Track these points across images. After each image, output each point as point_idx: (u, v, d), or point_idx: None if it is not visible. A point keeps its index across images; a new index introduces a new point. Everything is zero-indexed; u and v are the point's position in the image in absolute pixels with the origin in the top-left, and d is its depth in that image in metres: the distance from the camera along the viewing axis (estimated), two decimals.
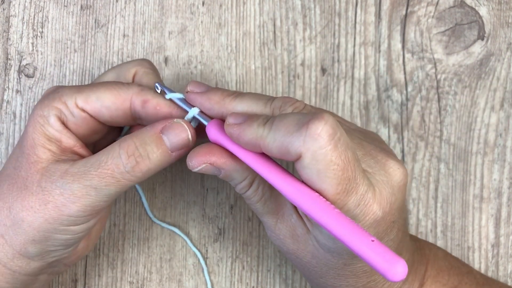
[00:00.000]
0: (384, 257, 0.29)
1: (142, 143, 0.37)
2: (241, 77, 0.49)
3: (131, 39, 0.48)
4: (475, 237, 0.49)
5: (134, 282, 0.48)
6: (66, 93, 0.39)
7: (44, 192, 0.37)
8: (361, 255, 0.30)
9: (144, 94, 0.39)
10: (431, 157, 0.49)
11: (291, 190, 0.33)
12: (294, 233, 0.37)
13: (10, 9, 0.48)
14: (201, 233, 0.48)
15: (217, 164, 0.36)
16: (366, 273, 0.37)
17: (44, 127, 0.38)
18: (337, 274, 0.37)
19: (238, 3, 0.49)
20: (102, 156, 0.37)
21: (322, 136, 0.32)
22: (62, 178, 0.37)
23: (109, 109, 0.39)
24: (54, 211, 0.37)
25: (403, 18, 0.49)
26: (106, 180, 0.37)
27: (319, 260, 0.37)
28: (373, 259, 0.30)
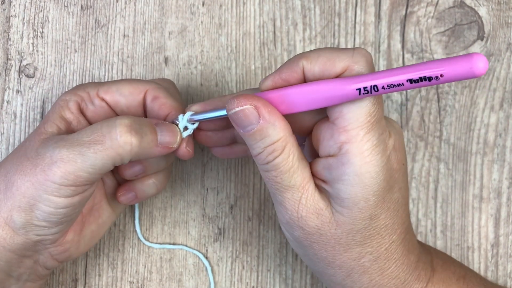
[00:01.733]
0: (457, 58, 0.31)
1: (139, 121, 0.38)
2: (241, 77, 0.49)
3: (131, 39, 0.48)
4: (475, 237, 0.49)
5: (134, 282, 0.48)
6: (91, 85, 0.42)
7: (38, 156, 0.38)
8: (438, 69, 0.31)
9: (158, 91, 0.41)
10: (430, 157, 0.49)
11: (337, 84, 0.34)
12: (317, 207, 0.37)
13: (10, 9, 0.48)
14: (201, 233, 0.48)
15: (261, 110, 0.35)
16: (388, 230, 0.37)
17: (62, 108, 0.41)
18: (363, 237, 0.37)
19: (238, 3, 0.49)
20: (97, 124, 0.38)
21: (367, 56, 0.35)
22: (56, 143, 0.38)
23: (126, 98, 0.41)
24: (41, 174, 0.37)
25: (403, 18, 0.49)
26: (95, 147, 0.37)
27: (345, 225, 0.36)
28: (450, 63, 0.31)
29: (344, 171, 0.35)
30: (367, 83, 0.33)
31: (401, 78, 0.32)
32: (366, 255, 0.38)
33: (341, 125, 0.35)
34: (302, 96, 0.35)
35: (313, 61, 0.35)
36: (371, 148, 0.35)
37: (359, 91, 0.33)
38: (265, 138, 0.36)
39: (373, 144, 0.35)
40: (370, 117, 0.35)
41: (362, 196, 0.36)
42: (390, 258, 0.38)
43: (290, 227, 0.38)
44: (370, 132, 0.35)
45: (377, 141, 0.35)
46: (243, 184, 0.49)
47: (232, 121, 0.36)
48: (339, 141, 0.35)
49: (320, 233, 0.37)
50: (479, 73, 0.30)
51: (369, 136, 0.35)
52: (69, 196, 0.38)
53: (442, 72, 0.31)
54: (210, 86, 0.49)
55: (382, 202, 0.36)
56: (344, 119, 0.35)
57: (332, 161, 0.36)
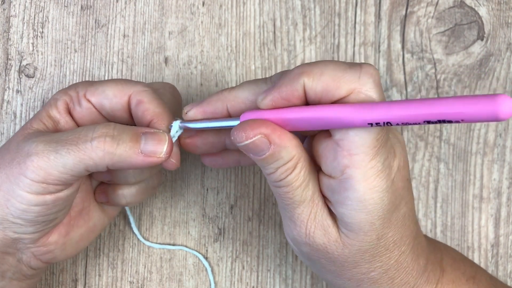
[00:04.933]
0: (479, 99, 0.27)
1: (120, 129, 0.37)
2: (241, 77, 0.49)
3: (131, 39, 0.48)
4: (475, 237, 0.49)
5: (134, 282, 0.48)
6: (82, 85, 0.41)
7: (17, 149, 0.38)
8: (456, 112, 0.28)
9: (143, 95, 0.39)
10: (430, 157, 0.49)
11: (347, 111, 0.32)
12: (325, 224, 0.36)
13: (10, 9, 0.48)
14: (201, 233, 0.48)
15: (271, 137, 0.34)
16: (396, 244, 0.37)
17: (51, 107, 0.41)
18: (372, 255, 0.36)
19: (238, 3, 0.49)
20: (82, 127, 0.38)
21: (375, 76, 0.33)
22: (37, 137, 0.38)
23: (110, 101, 0.40)
24: (16, 167, 0.37)
25: (403, 18, 0.49)
26: (69, 147, 0.37)
27: (352, 246, 0.36)
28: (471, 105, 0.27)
29: (347, 196, 0.34)
30: (380, 118, 0.31)
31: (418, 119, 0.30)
32: (376, 269, 0.37)
33: (346, 148, 0.33)
34: (306, 121, 0.34)
35: (316, 80, 0.33)
36: (375, 174, 0.34)
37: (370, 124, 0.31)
38: (277, 161, 0.35)
39: (378, 170, 0.34)
40: (376, 142, 0.33)
41: (367, 221, 0.35)
42: (399, 268, 0.38)
43: (297, 243, 0.37)
44: (375, 158, 0.33)
45: (382, 166, 0.34)
46: (243, 184, 0.49)
47: (242, 150, 0.35)
48: (342, 165, 0.34)
49: (327, 251, 0.36)
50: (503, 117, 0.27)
51: (374, 162, 0.33)
52: (40, 194, 0.37)
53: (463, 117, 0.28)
54: (210, 86, 0.49)
55: (388, 222, 0.35)
56: (349, 142, 0.33)
57: (334, 183, 0.35)
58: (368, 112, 0.31)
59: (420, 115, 0.29)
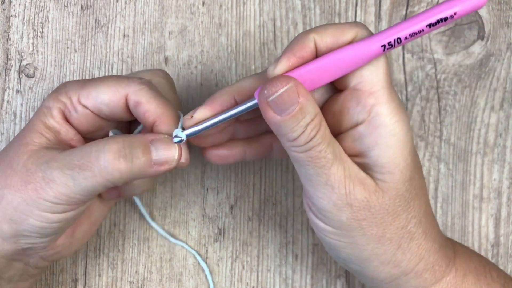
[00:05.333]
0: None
1: (130, 144, 0.37)
2: (241, 77, 0.49)
3: (131, 39, 0.48)
4: (475, 237, 0.49)
5: (134, 282, 0.48)
6: (72, 88, 0.39)
7: (28, 173, 0.37)
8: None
9: (140, 95, 0.38)
10: (431, 157, 0.49)
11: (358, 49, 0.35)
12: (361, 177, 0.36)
13: (10, 9, 0.48)
14: (201, 233, 0.48)
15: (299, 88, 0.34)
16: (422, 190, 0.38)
17: (46, 117, 0.39)
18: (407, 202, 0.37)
19: (238, 3, 0.49)
20: (88, 147, 0.37)
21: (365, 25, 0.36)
22: (47, 162, 0.37)
23: (107, 106, 0.39)
24: (33, 193, 0.37)
25: (403, 18, 0.49)
26: (84, 173, 0.36)
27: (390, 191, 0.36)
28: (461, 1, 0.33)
29: (379, 134, 0.35)
30: (391, 37, 0.34)
31: (421, 26, 0.34)
32: (411, 220, 0.37)
33: (366, 88, 0.35)
34: (327, 69, 0.35)
35: (323, 34, 0.35)
36: (398, 107, 0.35)
37: (383, 47, 0.34)
38: (306, 116, 0.34)
39: (398, 103, 0.36)
40: (388, 76, 0.35)
41: (402, 156, 0.36)
42: (428, 221, 0.39)
43: (338, 210, 0.36)
44: (392, 92, 0.36)
45: (399, 100, 0.36)
46: (243, 184, 0.49)
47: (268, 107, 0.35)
48: (368, 105, 0.35)
49: (369, 205, 0.36)
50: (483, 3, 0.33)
51: (393, 95, 0.36)
52: (63, 212, 0.38)
53: (455, 10, 0.33)
54: (210, 86, 0.49)
55: (414, 162, 0.37)
56: (368, 83, 0.35)
57: (362, 128, 0.36)
58: (377, 37, 0.34)
59: (421, 22, 0.34)
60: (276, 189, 0.48)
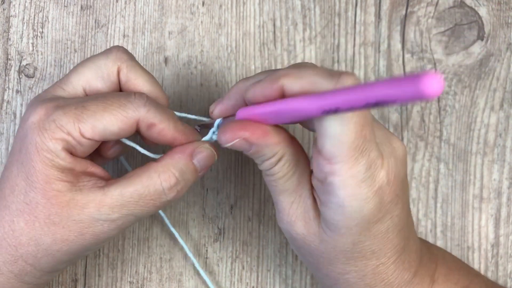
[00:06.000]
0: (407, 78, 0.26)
1: (181, 173, 0.38)
2: (241, 77, 0.49)
3: (131, 39, 0.48)
4: (475, 237, 0.49)
5: (134, 282, 0.48)
6: (66, 122, 0.36)
7: (79, 224, 0.37)
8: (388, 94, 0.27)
9: (151, 118, 0.38)
10: (430, 157, 0.49)
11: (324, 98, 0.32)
12: (306, 216, 0.37)
13: (10, 9, 0.48)
14: (201, 233, 0.48)
15: (250, 139, 0.36)
16: (375, 254, 0.37)
17: (55, 161, 0.36)
18: (346, 258, 0.37)
19: (238, 3, 0.49)
20: (139, 186, 0.38)
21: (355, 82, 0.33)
22: (98, 210, 0.37)
23: (117, 136, 0.38)
24: (92, 238, 0.38)
25: (403, 18, 0.49)
26: (147, 209, 0.38)
27: (328, 243, 0.37)
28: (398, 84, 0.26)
29: (329, 199, 0.35)
30: (328, 103, 0.31)
31: (360, 103, 0.29)
32: (350, 272, 0.38)
33: (326, 157, 0.34)
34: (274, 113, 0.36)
35: (294, 82, 0.34)
36: (355, 184, 0.34)
37: (323, 112, 0.32)
38: (260, 157, 0.37)
39: (358, 179, 0.34)
40: (354, 151, 0.33)
41: (344, 225, 0.35)
42: (377, 278, 0.38)
43: (283, 229, 0.39)
44: (354, 167, 0.34)
45: (363, 176, 0.34)
46: (243, 184, 0.49)
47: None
48: (324, 172, 0.34)
49: (305, 242, 0.38)
50: (428, 96, 0.25)
51: (353, 172, 0.34)
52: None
53: (396, 97, 0.27)
54: (210, 86, 0.49)
55: (367, 231, 0.36)
56: (327, 151, 0.34)
57: (319, 185, 0.36)
58: (318, 100, 0.32)
59: (359, 100, 0.29)
60: None
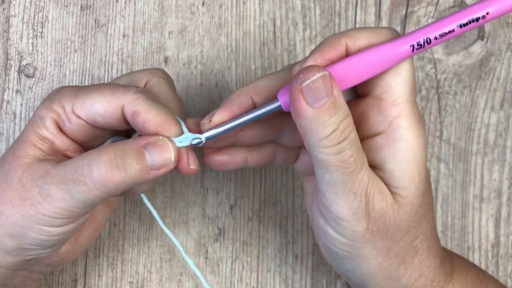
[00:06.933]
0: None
1: (122, 154, 0.36)
2: (241, 77, 0.49)
3: (131, 39, 0.48)
4: (475, 237, 0.49)
5: (134, 282, 0.48)
6: (65, 97, 0.38)
7: (24, 188, 0.37)
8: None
9: (137, 105, 0.36)
10: (431, 157, 0.49)
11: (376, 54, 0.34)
12: (380, 186, 0.35)
13: (10, 9, 0.48)
14: (201, 233, 0.48)
15: (333, 81, 0.33)
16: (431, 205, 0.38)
17: (40, 127, 0.38)
18: (419, 216, 0.37)
19: (238, 3, 0.49)
20: (79, 160, 0.36)
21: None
22: (43, 177, 0.36)
23: (102, 116, 0.37)
24: (31, 208, 0.36)
25: (403, 18, 0.49)
26: (79, 188, 0.36)
27: (405, 206, 0.36)
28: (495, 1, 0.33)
29: (397, 147, 0.35)
30: (420, 38, 0.33)
31: (452, 26, 0.33)
32: (419, 236, 0.37)
33: (391, 99, 0.35)
34: (354, 69, 0.34)
35: (356, 37, 0.35)
36: (417, 121, 0.35)
37: (412, 47, 0.34)
38: (339, 112, 0.33)
39: (418, 117, 0.35)
40: (412, 89, 0.35)
41: (417, 171, 0.35)
42: (433, 236, 0.38)
43: (356, 220, 0.35)
44: (415, 106, 0.35)
45: (419, 114, 0.36)
46: (243, 184, 0.49)
47: (301, 95, 0.33)
48: (390, 116, 0.35)
49: (385, 217, 0.35)
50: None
51: (415, 109, 0.35)
52: (63, 225, 0.37)
53: (488, 11, 0.33)
54: (210, 86, 0.49)
55: (427, 177, 0.37)
56: (393, 93, 0.35)
57: (380, 140, 0.35)
58: (407, 37, 0.34)
59: (452, 22, 0.33)
60: (276, 189, 0.48)
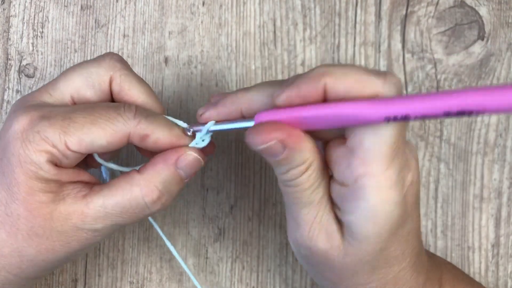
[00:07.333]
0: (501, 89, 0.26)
1: (165, 185, 0.36)
2: (241, 77, 0.49)
3: (131, 39, 0.48)
4: (475, 237, 0.49)
5: (134, 282, 0.48)
6: (52, 134, 0.35)
7: (63, 235, 0.36)
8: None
9: (143, 129, 0.36)
10: (431, 157, 0.49)
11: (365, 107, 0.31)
12: (329, 228, 0.35)
13: (10, 9, 0.48)
14: (201, 233, 0.48)
15: (286, 141, 0.33)
16: (397, 259, 0.36)
17: (38, 173, 0.35)
18: (371, 267, 0.36)
19: (238, 3, 0.49)
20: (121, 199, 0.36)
21: (399, 86, 0.32)
22: (82, 220, 0.36)
23: (105, 148, 0.36)
24: (78, 245, 0.37)
25: (403, 18, 0.49)
26: (130, 220, 0.37)
27: (354, 255, 0.35)
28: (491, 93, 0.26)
29: (358, 205, 0.33)
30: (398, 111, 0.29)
31: (438, 110, 0.28)
32: (373, 281, 0.36)
33: (360, 156, 0.32)
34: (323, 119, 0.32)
35: (339, 80, 0.32)
36: (389, 186, 0.32)
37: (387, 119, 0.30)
38: (290, 163, 0.34)
39: (392, 181, 0.32)
40: (391, 150, 0.32)
41: (374, 232, 0.34)
42: (397, 283, 0.37)
43: (298, 245, 0.36)
44: (390, 168, 0.32)
45: (396, 178, 0.32)
46: (243, 184, 0.49)
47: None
48: (355, 173, 0.32)
49: (327, 257, 0.36)
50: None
51: (389, 173, 0.32)
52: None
53: (484, 106, 0.27)
54: (210, 86, 0.49)
55: (393, 236, 0.34)
56: (364, 150, 0.32)
57: (346, 191, 0.34)
58: (385, 106, 0.30)
59: (439, 106, 0.28)
60: (276, 189, 0.48)
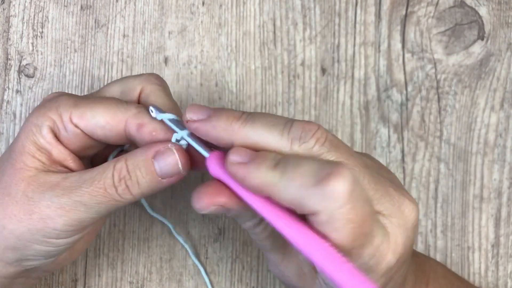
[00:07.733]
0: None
1: (133, 167, 0.36)
2: (241, 77, 0.49)
3: (131, 39, 0.48)
4: (475, 237, 0.49)
5: (134, 282, 0.48)
6: (64, 105, 0.37)
7: (30, 202, 0.36)
8: None
9: (141, 117, 0.37)
10: (431, 157, 0.49)
11: (303, 241, 0.31)
12: (301, 271, 0.36)
13: (10, 9, 0.48)
14: (201, 233, 0.48)
15: (227, 205, 0.34)
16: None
17: (36, 136, 0.37)
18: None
19: (238, 3, 0.49)
20: (95, 174, 0.36)
21: (342, 195, 0.30)
22: (52, 190, 0.36)
23: (103, 129, 0.37)
24: (39, 222, 0.36)
25: (403, 18, 0.49)
26: (97, 199, 0.36)
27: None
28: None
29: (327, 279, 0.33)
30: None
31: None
32: None
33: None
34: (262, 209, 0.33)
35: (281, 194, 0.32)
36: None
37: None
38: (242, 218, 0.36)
39: (362, 270, 0.32)
40: (353, 249, 0.31)
41: None
42: None
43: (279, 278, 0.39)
44: (357, 260, 0.32)
45: (367, 266, 0.32)
46: None
47: None
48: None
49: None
50: None
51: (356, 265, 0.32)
52: (71, 236, 0.37)
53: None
54: (210, 86, 0.49)
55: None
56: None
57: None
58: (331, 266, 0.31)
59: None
60: None
